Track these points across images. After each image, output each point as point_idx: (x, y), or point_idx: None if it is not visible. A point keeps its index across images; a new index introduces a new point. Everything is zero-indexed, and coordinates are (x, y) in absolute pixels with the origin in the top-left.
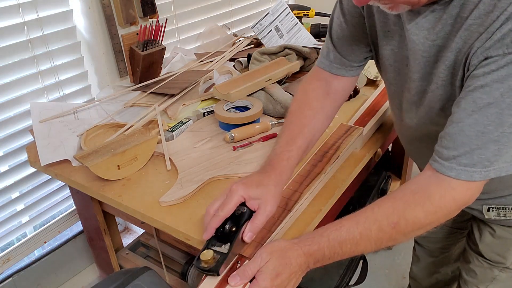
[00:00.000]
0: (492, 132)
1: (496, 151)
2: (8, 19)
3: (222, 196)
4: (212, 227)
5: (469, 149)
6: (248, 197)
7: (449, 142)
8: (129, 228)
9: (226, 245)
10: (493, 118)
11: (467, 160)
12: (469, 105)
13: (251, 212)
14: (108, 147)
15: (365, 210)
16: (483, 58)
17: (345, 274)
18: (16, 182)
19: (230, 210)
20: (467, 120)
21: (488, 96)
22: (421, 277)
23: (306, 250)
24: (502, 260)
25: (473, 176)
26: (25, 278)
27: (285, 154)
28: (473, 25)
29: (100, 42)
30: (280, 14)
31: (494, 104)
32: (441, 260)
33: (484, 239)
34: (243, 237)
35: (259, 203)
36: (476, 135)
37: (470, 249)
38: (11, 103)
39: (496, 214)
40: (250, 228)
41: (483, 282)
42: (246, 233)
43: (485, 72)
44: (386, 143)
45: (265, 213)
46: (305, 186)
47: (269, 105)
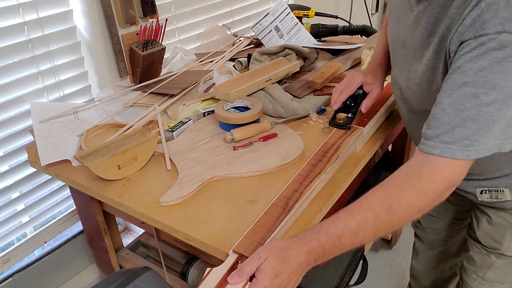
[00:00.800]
0: (469, 109)
1: (475, 129)
2: (8, 19)
3: (345, 80)
4: (341, 100)
5: (450, 127)
6: (365, 82)
7: (432, 122)
8: (129, 228)
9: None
10: (469, 96)
11: (449, 138)
12: (449, 86)
13: (365, 93)
14: (108, 147)
15: (359, 200)
16: (459, 43)
17: (345, 274)
18: (16, 182)
19: (353, 89)
20: (447, 99)
21: (463, 75)
22: (421, 273)
23: (306, 248)
24: (498, 246)
25: (455, 153)
26: (25, 278)
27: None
28: (454, 13)
29: (100, 42)
30: (280, 14)
31: (469, 83)
32: (440, 253)
33: (482, 226)
34: (361, 109)
35: (371, 87)
36: (455, 113)
37: (469, 237)
38: (11, 103)
39: (488, 197)
40: (366, 102)
41: (481, 269)
42: (363, 106)
43: (460, 55)
44: (386, 143)
45: (376, 93)
46: (305, 186)
47: (269, 105)
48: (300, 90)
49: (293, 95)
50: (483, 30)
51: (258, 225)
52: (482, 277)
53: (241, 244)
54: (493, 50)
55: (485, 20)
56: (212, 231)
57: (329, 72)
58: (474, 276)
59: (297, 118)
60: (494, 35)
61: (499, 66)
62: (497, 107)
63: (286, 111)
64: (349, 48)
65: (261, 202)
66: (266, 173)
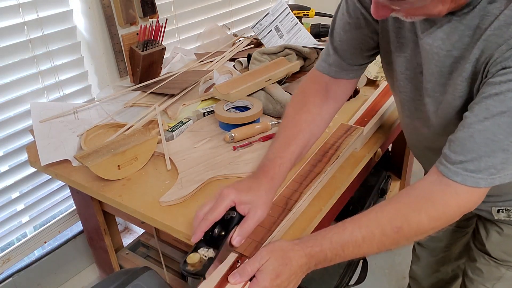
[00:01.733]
0: (502, 141)
1: (504, 159)
2: (8, 19)
3: (212, 200)
4: (201, 230)
5: (477, 155)
6: (239, 202)
7: (457, 147)
8: (129, 228)
9: (214, 249)
10: (505, 127)
11: (474, 167)
12: (482, 112)
13: (241, 216)
14: (108, 147)
15: (368, 213)
16: (501, 68)
17: (345, 274)
18: (16, 182)
19: (219, 214)
20: (478, 126)
21: (501, 104)
22: (421, 276)
23: (308, 252)
24: (510, 259)
25: (479, 182)
26: (25, 278)
27: (277, 160)
28: (492, 35)
29: (100, 42)
30: (280, 14)
31: (507, 113)
32: (441, 259)
33: (491, 238)
34: (231, 241)
35: (249, 208)
36: (485, 143)
37: (476, 248)
38: (11, 103)
39: (506, 215)
40: (239, 232)
41: (489, 281)
42: (235, 237)
43: (501, 81)
44: (386, 143)
45: (255, 218)
46: (305, 186)
47: (269, 105)
48: None
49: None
50: None
51: (258, 225)
52: None
53: (242, 243)
54: None
55: None
56: None
57: None
58: (481, 287)
59: None
60: None
61: None
62: None
63: None
64: None
65: None
66: None
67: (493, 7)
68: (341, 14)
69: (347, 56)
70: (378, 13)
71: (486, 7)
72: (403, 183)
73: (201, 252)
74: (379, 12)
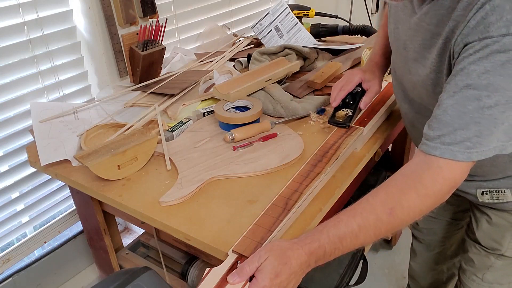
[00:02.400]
0: (471, 112)
1: (477, 132)
2: (8, 19)
3: (344, 78)
4: (340, 97)
5: (452, 128)
6: (364, 79)
7: (434, 123)
8: (129, 228)
9: (349, 110)
10: (472, 98)
11: (450, 139)
12: (452, 88)
13: (363, 91)
14: (108, 147)
15: (360, 202)
16: (463, 45)
17: (345, 274)
18: (16, 182)
19: (352, 86)
20: (449, 101)
21: (466, 77)
22: (419, 274)
23: (307, 249)
24: (498, 247)
25: (456, 155)
26: (25, 278)
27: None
28: (459, 15)
29: (100, 42)
30: (280, 14)
31: (472, 85)
32: (437, 255)
33: (481, 227)
34: (360, 106)
35: (370, 85)
36: (457, 115)
37: (468, 238)
38: (11, 103)
39: (489, 197)
40: (365, 99)
41: (480, 270)
42: (362, 103)
43: (464, 56)
44: (386, 143)
45: (375, 90)
46: (305, 186)
47: (269, 105)
48: (300, 90)
49: (293, 95)
50: (488, 33)
51: (258, 225)
52: (481, 278)
53: (241, 244)
54: (497, 52)
55: (489, 23)
56: (212, 231)
57: (329, 72)
58: (473, 277)
59: (297, 118)
60: (498, 38)
61: (502, 69)
62: (500, 110)
63: (286, 111)
64: (349, 48)
65: (261, 202)
66: (266, 173)
67: None
68: None
69: None
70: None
71: None
72: None
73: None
74: None
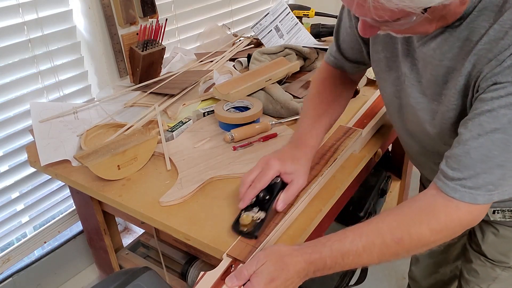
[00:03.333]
0: (497, 157)
1: (500, 175)
2: (8, 19)
3: (257, 168)
4: (249, 198)
5: (474, 172)
6: (284, 172)
7: (454, 163)
8: (129, 228)
9: (261, 212)
10: (499, 143)
11: (472, 183)
12: (476, 128)
13: (284, 183)
14: (108, 147)
15: (369, 223)
16: (491, 83)
17: (345, 274)
18: (16, 182)
19: (266, 182)
20: (473, 143)
21: (494, 121)
22: (420, 277)
23: (307, 258)
24: (505, 260)
25: (477, 199)
26: (25, 278)
27: (313, 132)
28: (483, 49)
29: (100, 42)
30: (280, 14)
31: (500, 129)
32: (440, 260)
33: (487, 239)
34: (276, 207)
35: (292, 177)
36: (481, 159)
37: (472, 249)
38: (11, 103)
39: (501, 216)
40: (284, 198)
41: (485, 281)
42: (280, 203)
43: (493, 97)
44: (386, 143)
45: (298, 185)
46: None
47: (269, 105)
48: (300, 90)
49: (293, 95)
50: None
51: None
52: None
53: (235, 247)
54: None
55: None
56: (212, 231)
57: None
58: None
59: (297, 118)
60: None
61: None
62: None
63: (286, 111)
64: None
65: None
66: None
67: (481, 19)
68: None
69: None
70: (366, 32)
71: (475, 20)
72: (403, 183)
73: (251, 214)
74: (367, 31)
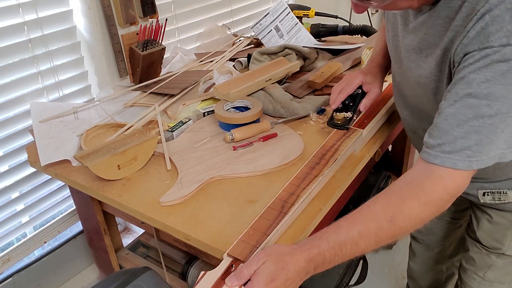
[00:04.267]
0: (471, 120)
1: (477, 141)
2: (8, 19)
3: (344, 80)
4: (340, 99)
5: (452, 137)
6: (364, 82)
7: (434, 132)
8: (129, 228)
9: (349, 112)
10: (472, 107)
11: (450, 148)
12: (452, 96)
13: (364, 93)
14: (108, 147)
15: (361, 209)
16: (463, 55)
17: (345, 274)
18: (16, 182)
19: (352, 88)
20: (450, 109)
21: (466, 86)
22: (418, 274)
23: (306, 255)
24: (499, 246)
25: (456, 164)
26: (25, 278)
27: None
28: (458, 26)
29: (100, 42)
30: (280, 14)
31: (472, 94)
32: (436, 255)
33: (482, 226)
34: (360, 108)
35: (370, 87)
36: (457, 124)
37: (469, 237)
38: (11, 103)
39: (491, 198)
40: (365, 102)
41: (481, 269)
42: (362, 106)
43: (464, 66)
44: (386, 143)
45: (375, 93)
46: (302, 189)
47: (269, 105)
48: (300, 90)
49: (293, 95)
50: (488, 43)
51: (254, 228)
52: (482, 277)
53: (236, 247)
54: (497, 62)
55: (489, 33)
56: (212, 231)
57: (329, 72)
58: (473, 276)
59: (297, 118)
60: (499, 48)
61: (503, 78)
62: (500, 119)
63: (286, 111)
64: (349, 48)
65: (261, 202)
66: (266, 173)
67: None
68: None
69: None
70: (357, 9)
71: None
72: None
73: (342, 113)
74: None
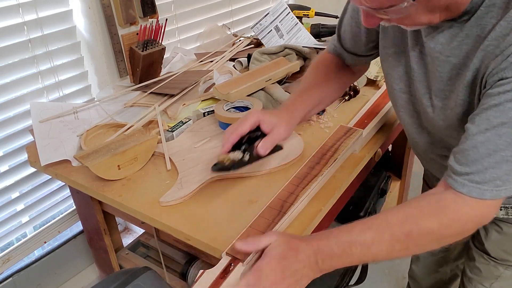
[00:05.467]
0: (504, 151)
1: (508, 171)
2: (8, 19)
3: (238, 121)
4: (230, 142)
5: (482, 167)
6: (263, 121)
7: (462, 158)
8: (129, 228)
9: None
10: (505, 137)
11: (479, 178)
12: (483, 123)
13: (264, 134)
14: (108, 147)
15: (377, 217)
16: (498, 79)
17: (345, 274)
18: (16, 182)
19: (246, 128)
20: (480, 137)
21: (501, 115)
22: (421, 276)
23: (315, 244)
24: (508, 258)
25: (484, 194)
26: (25, 278)
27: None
28: (490, 46)
29: (100, 42)
30: (280, 14)
31: (507, 124)
32: (440, 259)
33: (490, 237)
34: (257, 151)
35: (272, 127)
36: (488, 154)
37: (475, 247)
38: (11, 103)
39: (504, 213)
40: (262, 143)
41: (487, 280)
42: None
43: (499, 91)
44: (386, 143)
45: (278, 133)
46: (302, 189)
47: (269, 105)
48: None
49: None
50: None
51: (253, 228)
52: (488, 287)
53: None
54: None
55: None
56: (212, 231)
57: None
58: (479, 286)
59: None
60: None
61: None
62: None
63: None
64: None
65: (261, 202)
66: (266, 173)
67: (490, 16)
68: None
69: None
70: (367, 22)
71: (484, 16)
72: (403, 183)
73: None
74: (368, 21)
